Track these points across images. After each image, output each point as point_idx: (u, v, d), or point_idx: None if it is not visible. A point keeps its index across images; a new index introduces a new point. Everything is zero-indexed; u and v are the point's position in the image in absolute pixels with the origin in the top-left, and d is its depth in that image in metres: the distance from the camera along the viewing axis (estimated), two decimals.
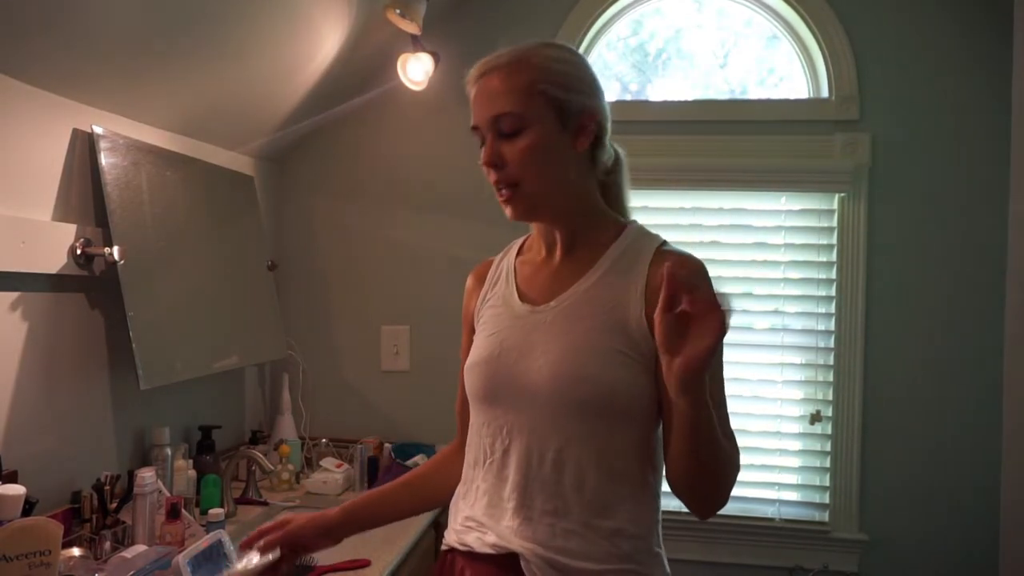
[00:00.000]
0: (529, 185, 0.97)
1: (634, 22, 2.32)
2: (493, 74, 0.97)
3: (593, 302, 0.97)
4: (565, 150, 0.98)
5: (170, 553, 1.25)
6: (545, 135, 0.96)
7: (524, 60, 0.96)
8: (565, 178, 0.99)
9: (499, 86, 0.96)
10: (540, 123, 0.95)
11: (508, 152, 0.96)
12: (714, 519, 2.11)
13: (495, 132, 0.97)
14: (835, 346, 2.10)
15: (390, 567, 1.52)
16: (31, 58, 1.32)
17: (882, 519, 2.08)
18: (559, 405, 0.94)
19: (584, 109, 0.98)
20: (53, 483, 1.43)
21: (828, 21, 2.08)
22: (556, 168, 0.98)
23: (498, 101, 0.96)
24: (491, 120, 0.97)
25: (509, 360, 0.99)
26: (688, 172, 2.14)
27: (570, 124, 0.97)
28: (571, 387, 0.94)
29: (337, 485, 1.99)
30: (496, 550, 0.97)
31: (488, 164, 0.98)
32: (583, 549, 0.93)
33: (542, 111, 0.95)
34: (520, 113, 0.95)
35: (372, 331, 2.31)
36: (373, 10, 1.89)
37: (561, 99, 0.96)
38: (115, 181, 1.53)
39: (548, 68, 0.96)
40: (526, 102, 0.95)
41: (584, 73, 1.01)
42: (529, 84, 0.95)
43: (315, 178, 2.34)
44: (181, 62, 1.60)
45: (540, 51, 0.98)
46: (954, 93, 2.04)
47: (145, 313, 1.55)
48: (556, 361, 0.95)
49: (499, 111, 0.96)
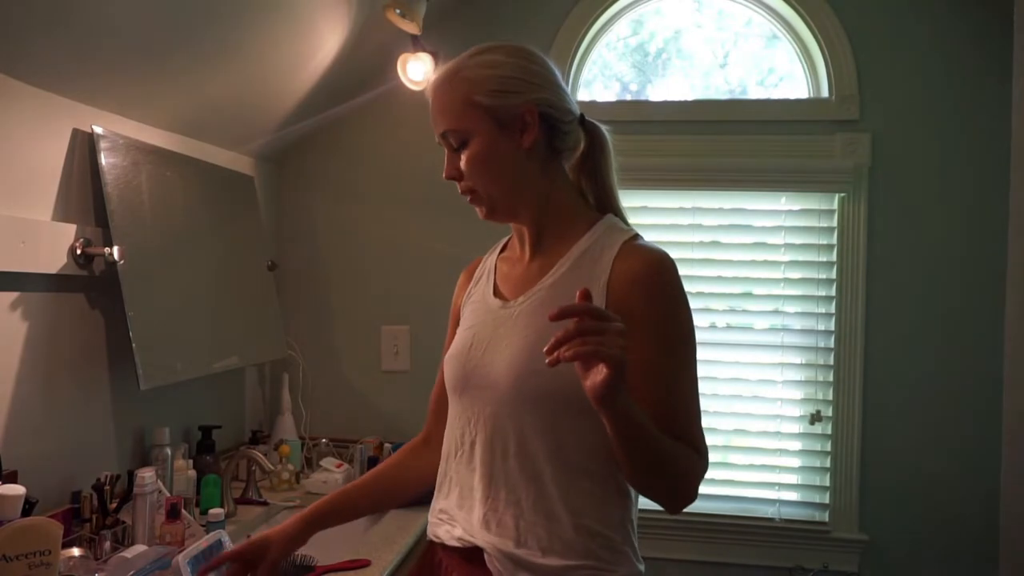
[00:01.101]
0: (484, 190, 1.02)
1: (634, 22, 2.32)
2: (434, 91, 1.03)
3: (556, 297, 0.99)
4: (511, 151, 1.00)
5: (170, 553, 1.25)
6: (486, 143, 0.99)
7: (455, 75, 1.01)
8: (518, 177, 1.02)
9: (439, 104, 1.02)
10: (479, 133, 0.99)
11: (462, 164, 1.01)
12: (714, 519, 2.12)
13: (448, 147, 1.03)
14: (835, 346, 2.10)
15: (390, 567, 1.52)
16: (31, 58, 1.32)
17: (882, 519, 2.08)
18: (517, 398, 0.97)
19: (521, 107, 0.99)
20: (53, 483, 1.43)
21: (828, 21, 2.08)
22: (505, 170, 1.01)
23: (440, 120, 1.02)
24: (441, 138, 1.03)
25: (477, 353, 1.03)
26: (688, 172, 2.14)
27: (510, 125, 0.99)
28: (528, 380, 0.96)
29: (337, 485, 1.99)
30: (462, 543, 1.01)
31: (447, 178, 1.04)
32: (544, 544, 0.95)
33: (478, 121, 0.99)
34: (458, 128, 1.00)
35: (372, 331, 2.31)
36: (373, 10, 1.89)
37: (493, 105, 0.99)
38: (115, 181, 1.53)
39: (476, 78, 0.99)
40: (461, 116, 0.99)
41: (516, 71, 1.01)
42: (462, 98, 0.99)
43: (315, 178, 2.34)
44: (181, 62, 1.61)
45: (470, 61, 1.01)
46: (954, 93, 2.05)
47: (145, 313, 1.55)
48: (516, 354, 0.98)
49: (443, 128, 1.02)
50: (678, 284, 0.98)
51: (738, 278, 2.16)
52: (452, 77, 1.01)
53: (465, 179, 1.02)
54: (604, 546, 0.96)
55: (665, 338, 0.95)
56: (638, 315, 0.93)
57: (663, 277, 0.97)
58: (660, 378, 0.94)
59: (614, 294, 0.96)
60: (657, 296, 0.96)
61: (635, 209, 2.18)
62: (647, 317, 0.94)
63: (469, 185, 1.02)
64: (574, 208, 1.07)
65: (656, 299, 0.96)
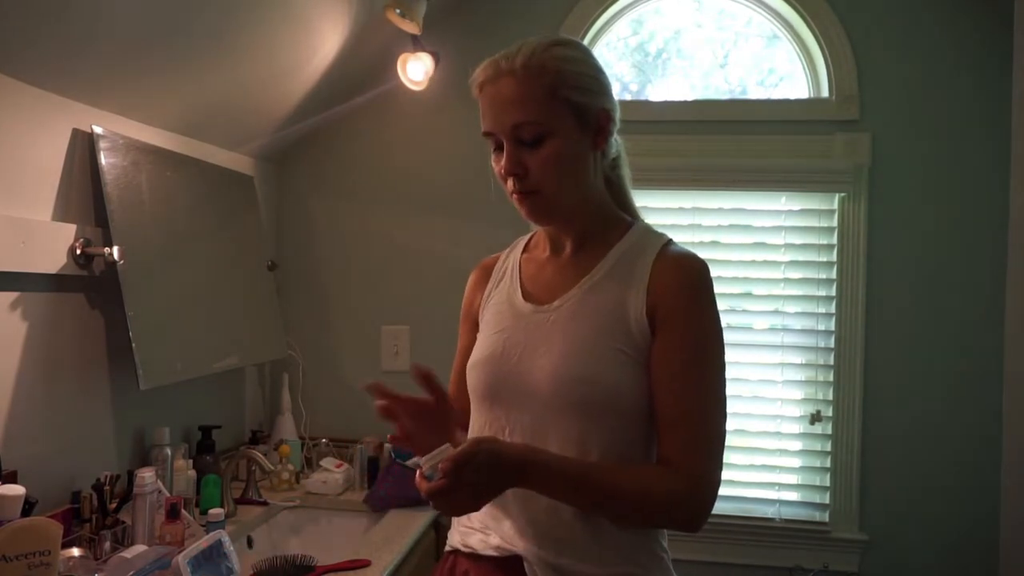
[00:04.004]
0: (550, 192, 0.96)
1: (634, 22, 2.32)
2: (507, 79, 0.94)
3: (596, 302, 0.97)
4: (587, 154, 0.97)
5: (170, 553, 1.25)
6: (569, 143, 0.94)
7: (539, 64, 0.93)
8: (586, 182, 0.99)
9: (515, 93, 0.93)
10: (563, 130, 0.94)
11: (530, 161, 0.94)
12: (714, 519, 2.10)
13: (514, 140, 0.95)
14: (835, 346, 2.10)
15: (390, 567, 1.52)
16: (31, 58, 1.32)
17: (882, 519, 2.08)
18: (561, 406, 0.94)
19: (601, 110, 0.97)
20: (53, 483, 1.43)
21: (828, 21, 2.08)
22: (579, 174, 0.97)
23: (516, 109, 0.93)
24: (510, 129, 0.94)
25: (512, 359, 0.99)
26: (688, 172, 2.14)
27: (590, 127, 0.96)
28: (572, 388, 0.93)
29: (337, 485, 1.99)
30: (500, 552, 0.97)
31: (508, 175, 0.96)
32: (584, 550, 0.93)
33: (563, 118, 0.93)
34: (542, 121, 0.92)
35: (372, 331, 2.30)
36: (373, 10, 1.89)
37: (581, 103, 0.94)
38: (115, 181, 1.53)
39: (564, 71, 0.93)
40: (547, 110, 0.92)
41: (597, 71, 0.99)
42: (548, 90, 0.92)
43: (315, 178, 2.34)
44: (181, 62, 1.60)
45: (554, 51, 0.94)
46: (954, 93, 2.04)
47: (145, 313, 1.55)
48: (558, 361, 0.94)
49: (519, 120, 0.93)
50: (711, 294, 0.96)
51: (738, 278, 2.16)
52: (535, 65, 0.92)
53: (532, 176, 0.95)
54: (643, 551, 0.96)
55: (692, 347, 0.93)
56: (672, 320, 0.93)
57: (699, 289, 0.95)
58: (674, 387, 0.93)
59: (654, 297, 0.94)
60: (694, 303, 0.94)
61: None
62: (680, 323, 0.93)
63: (535, 184, 0.95)
64: (612, 212, 1.05)
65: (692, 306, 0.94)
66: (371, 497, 1.91)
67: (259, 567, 1.47)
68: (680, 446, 0.91)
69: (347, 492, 2.02)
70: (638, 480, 0.90)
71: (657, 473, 0.92)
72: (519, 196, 0.97)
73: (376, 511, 1.90)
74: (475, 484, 0.83)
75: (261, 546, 1.79)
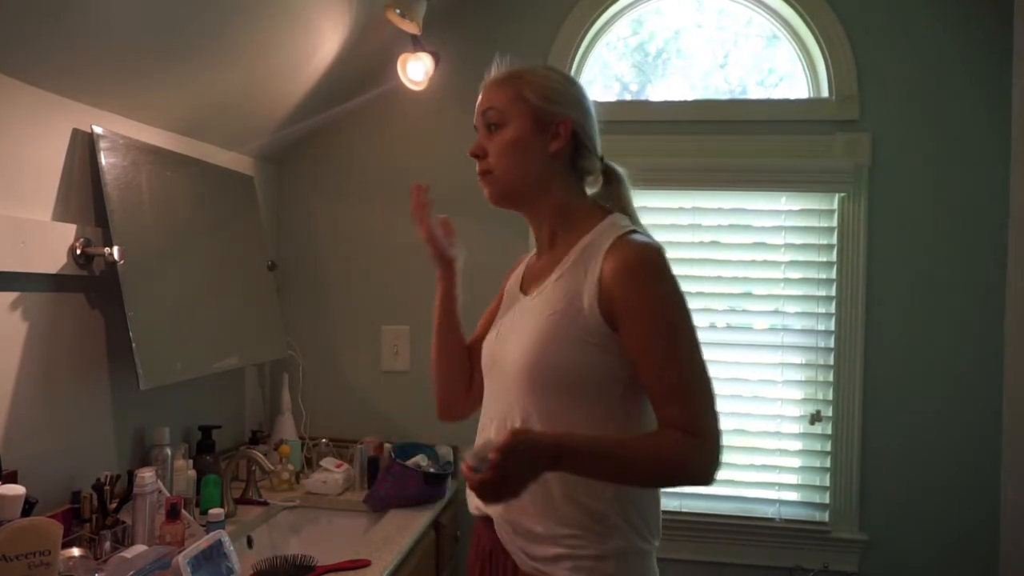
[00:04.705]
0: (500, 173, 1.13)
1: (634, 22, 2.32)
2: (490, 83, 1.16)
3: (559, 291, 1.09)
4: (537, 149, 1.12)
5: (170, 553, 1.25)
6: (519, 133, 1.11)
7: (516, 73, 1.14)
8: (535, 173, 1.13)
9: (491, 91, 1.15)
10: (519, 124, 1.11)
11: (489, 145, 1.13)
12: (714, 519, 2.12)
13: (484, 127, 1.14)
14: (835, 346, 2.10)
15: (390, 567, 1.52)
16: (31, 58, 1.32)
17: (882, 519, 2.08)
18: (522, 382, 1.07)
19: (558, 117, 1.11)
20: (53, 483, 1.43)
21: (828, 21, 2.08)
22: (526, 164, 1.12)
23: (487, 99, 1.15)
24: (481, 114, 1.15)
25: (500, 341, 1.16)
26: (688, 172, 2.14)
27: (545, 128, 1.11)
28: (531, 366, 1.06)
29: (337, 485, 1.99)
30: (479, 512, 1.16)
31: (472, 154, 1.15)
32: (540, 512, 1.06)
33: (523, 114, 1.11)
34: (502, 109, 1.12)
35: (372, 331, 2.31)
36: (373, 10, 1.89)
37: (539, 106, 1.11)
38: (115, 181, 1.53)
39: (533, 80, 1.13)
40: (509, 104, 1.12)
41: (568, 90, 1.15)
42: (515, 91, 1.12)
43: (315, 178, 2.34)
44: (181, 62, 1.61)
45: (532, 68, 1.15)
46: (954, 93, 2.04)
47: (145, 313, 1.55)
48: (523, 343, 1.08)
49: (487, 106, 1.14)
50: (662, 272, 1.04)
51: (738, 278, 2.16)
52: (513, 74, 1.14)
53: (488, 158, 1.13)
54: (594, 519, 1.05)
55: (653, 325, 1.02)
56: (626, 306, 1.02)
57: (645, 267, 1.03)
58: (652, 366, 1.02)
59: (604, 286, 1.04)
60: (640, 286, 1.03)
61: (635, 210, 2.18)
62: (634, 307, 1.02)
63: (489, 165, 1.13)
64: (583, 210, 1.16)
65: (640, 288, 1.02)
66: (371, 497, 1.91)
67: (259, 567, 1.47)
68: (677, 414, 1.00)
69: (347, 492, 2.02)
70: (655, 449, 1.00)
71: (669, 439, 1.00)
72: (480, 176, 1.16)
73: (376, 511, 1.90)
74: (519, 474, 0.93)
75: (261, 546, 1.79)
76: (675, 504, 2.14)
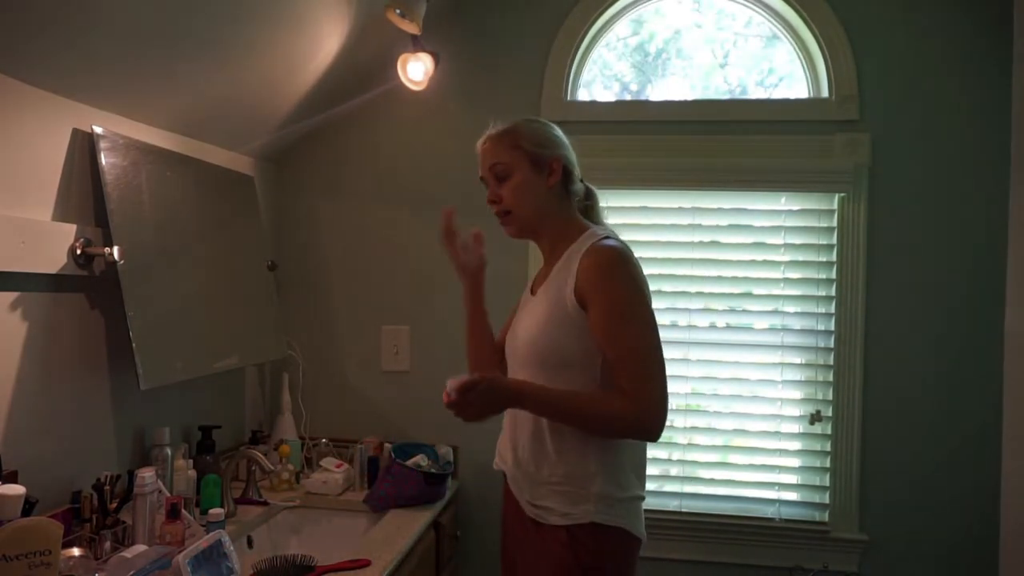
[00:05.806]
0: (517, 211, 1.40)
1: (634, 22, 2.32)
2: (490, 140, 1.42)
3: (551, 288, 1.37)
4: (540, 186, 1.40)
5: (170, 553, 1.25)
6: (524, 177, 1.39)
7: (509, 129, 1.41)
8: (542, 205, 1.41)
9: (493, 147, 1.41)
10: (520, 168, 1.39)
11: (502, 192, 1.40)
12: (714, 519, 2.12)
13: (494, 178, 1.41)
14: (835, 346, 2.10)
15: (390, 567, 1.52)
16: (31, 58, 1.32)
17: (882, 519, 2.08)
18: (529, 358, 1.36)
19: (552, 157, 1.40)
20: (53, 483, 1.43)
21: (828, 21, 2.08)
22: (535, 199, 1.40)
23: (492, 156, 1.41)
24: (489, 168, 1.41)
25: (514, 331, 1.46)
26: (688, 172, 2.14)
27: (542, 168, 1.39)
28: (531, 347, 1.36)
29: (337, 485, 1.99)
30: (498, 467, 1.48)
31: (489, 202, 1.42)
32: (538, 463, 1.34)
33: (521, 161, 1.39)
34: (506, 162, 1.39)
35: (372, 331, 2.31)
36: (373, 10, 1.89)
37: (533, 151, 1.39)
38: (115, 181, 1.53)
39: (523, 132, 1.40)
40: (510, 156, 1.39)
41: (552, 134, 1.43)
42: (512, 143, 1.39)
43: (315, 178, 2.35)
44: (181, 62, 1.61)
45: (519, 123, 1.42)
46: (954, 93, 2.05)
47: (145, 313, 1.55)
48: (529, 331, 1.37)
49: (493, 162, 1.40)
50: (622, 266, 1.29)
51: (738, 278, 2.16)
52: (504, 131, 1.40)
53: (504, 203, 1.40)
54: (579, 468, 1.31)
55: (608, 306, 1.27)
56: (591, 293, 1.28)
57: (607, 263, 1.29)
58: (605, 340, 1.27)
59: (579, 281, 1.30)
60: (601, 276, 1.29)
61: (635, 209, 2.18)
62: (596, 292, 1.28)
63: (506, 208, 1.40)
64: (573, 225, 1.43)
65: (601, 278, 1.29)
66: (371, 497, 1.91)
67: (259, 567, 1.48)
68: (624, 377, 1.25)
69: (347, 492, 2.02)
70: (598, 402, 1.28)
71: (611, 396, 1.27)
72: (501, 218, 1.43)
73: (376, 511, 1.90)
74: (477, 404, 1.23)
75: (261, 546, 1.79)
76: (675, 504, 2.14)
